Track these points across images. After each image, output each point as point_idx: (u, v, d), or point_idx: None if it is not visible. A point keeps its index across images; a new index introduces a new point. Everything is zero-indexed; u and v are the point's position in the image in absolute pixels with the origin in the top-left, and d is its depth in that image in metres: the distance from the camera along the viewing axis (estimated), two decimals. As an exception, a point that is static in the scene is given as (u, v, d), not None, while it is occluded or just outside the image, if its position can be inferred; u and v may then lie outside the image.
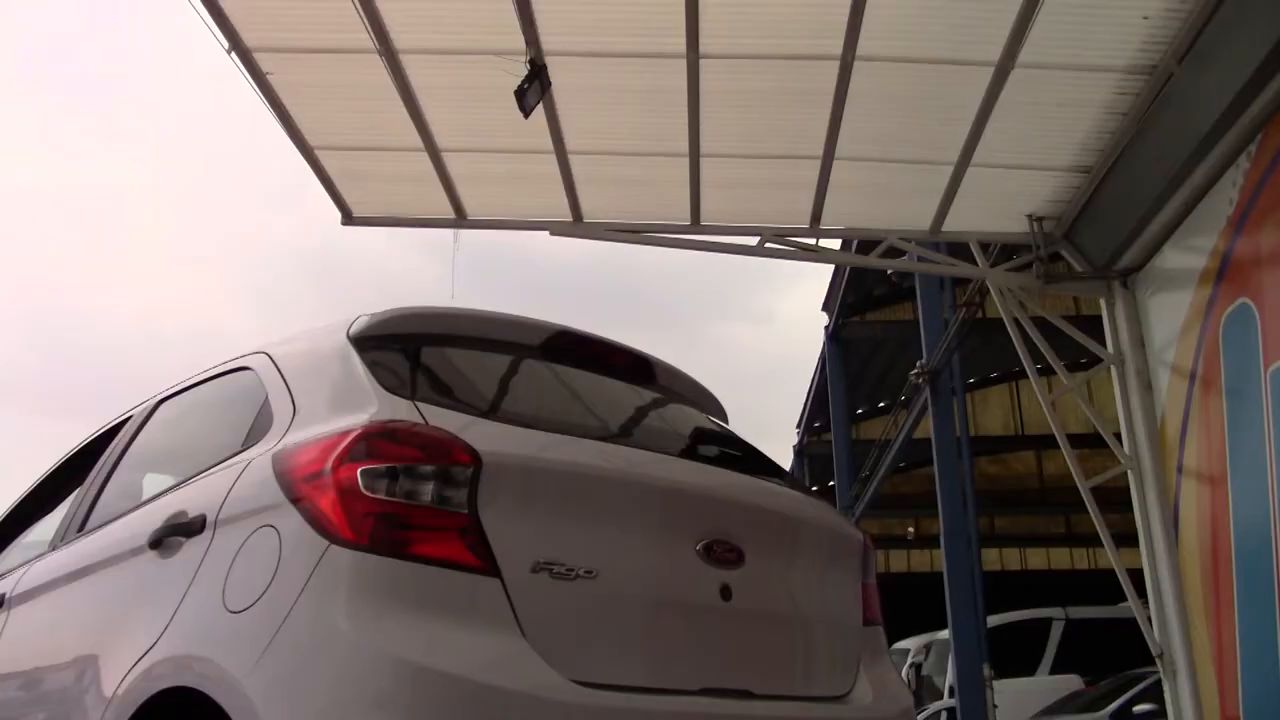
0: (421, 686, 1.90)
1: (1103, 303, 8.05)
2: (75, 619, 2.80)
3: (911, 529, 31.34)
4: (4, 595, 3.24)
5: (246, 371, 2.82)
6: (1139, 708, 9.66)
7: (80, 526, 3.15)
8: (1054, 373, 8.43)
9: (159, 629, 2.32)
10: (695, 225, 7.50)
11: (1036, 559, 33.03)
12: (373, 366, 2.38)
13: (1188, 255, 7.15)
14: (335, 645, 1.94)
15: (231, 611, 2.14)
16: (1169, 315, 7.52)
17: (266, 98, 6.01)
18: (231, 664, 2.06)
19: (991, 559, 28.29)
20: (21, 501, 3.85)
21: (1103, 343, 8.06)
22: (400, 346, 2.54)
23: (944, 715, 16.03)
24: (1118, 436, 7.93)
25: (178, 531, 2.47)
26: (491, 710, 1.93)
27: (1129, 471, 7.80)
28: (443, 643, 1.95)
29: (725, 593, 2.38)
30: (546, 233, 7.62)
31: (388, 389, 2.28)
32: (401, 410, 2.19)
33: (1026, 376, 9.35)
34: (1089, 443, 10.65)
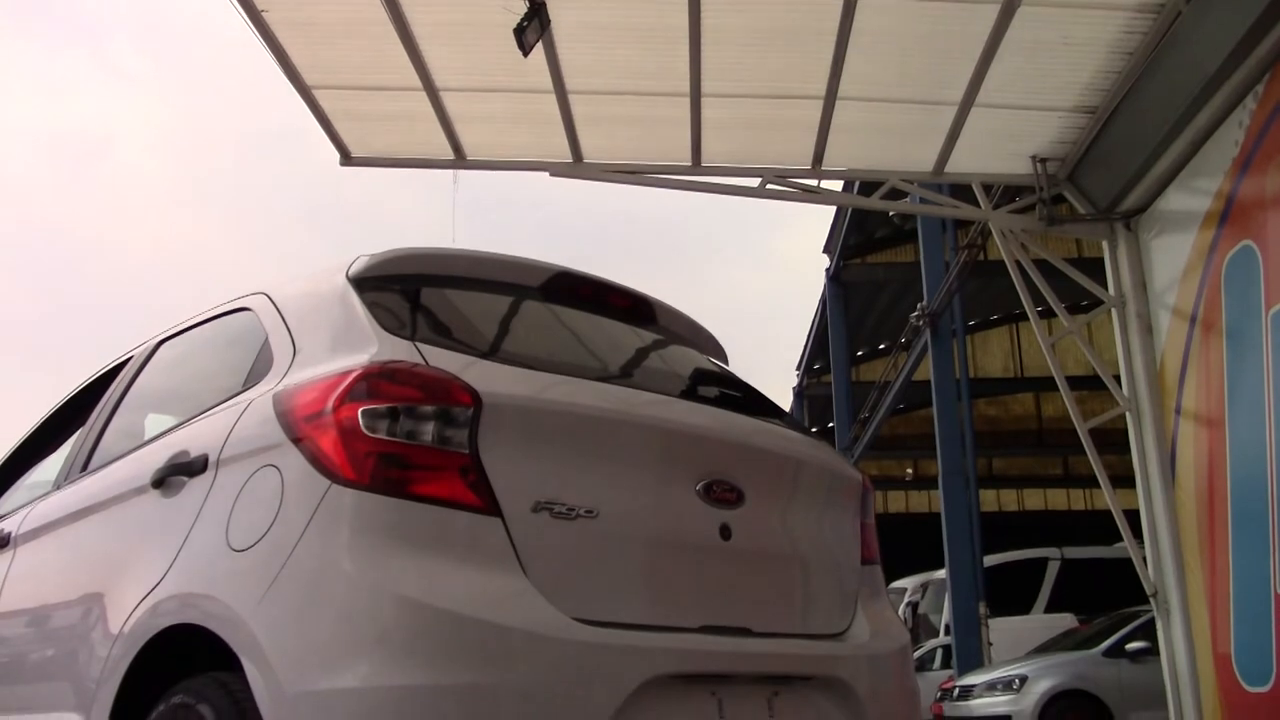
0: (423, 623, 1.92)
1: (1105, 245, 8.02)
2: (80, 557, 2.83)
3: (910, 470, 31.57)
4: (10, 534, 3.27)
5: (246, 312, 2.81)
6: (1132, 645, 9.80)
7: (83, 466, 3.17)
8: (1054, 315, 8.43)
9: (164, 567, 2.34)
10: (696, 167, 7.45)
11: (1033, 500, 33.34)
12: (372, 307, 2.38)
13: (1191, 197, 7.11)
14: (338, 583, 1.96)
15: (235, 550, 2.16)
16: (1171, 257, 7.50)
17: (262, 36, 5.93)
18: (236, 601, 2.08)
19: (989, 500, 28.54)
20: (24, 442, 3.86)
21: (1104, 285, 8.04)
22: (400, 287, 2.54)
23: (940, 653, 16.28)
24: (1117, 379, 7.95)
25: (180, 471, 2.49)
26: (493, 646, 1.95)
27: (1127, 413, 7.83)
28: (444, 580, 1.97)
29: (725, 532, 2.40)
30: (546, 174, 7.56)
31: (387, 330, 2.28)
32: (401, 351, 2.19)
33: (1027, 319, 9.35)
34: (1088, 385, 10.69)
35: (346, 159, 7.40)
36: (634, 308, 3.02)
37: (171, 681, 2.23)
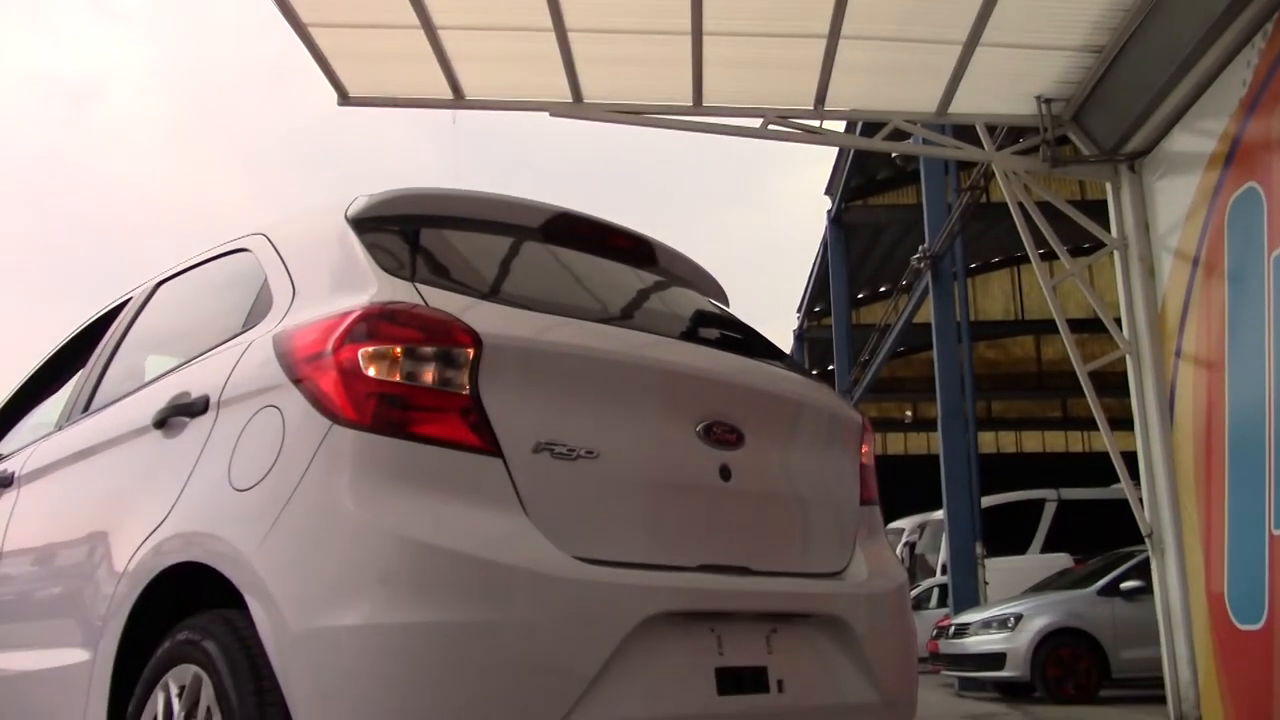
0: (426, 562, 1.94)
1: (1108, 187, 7.97)
2: (84, 497, 2.85)
3: (909, 412, 31.71)
4: (13, 474, 3.29)
5: (245, 253, 2.80)
6: (1126, 585, 9.91)
7: (85, 407, 3.18)
8: (1056, 257, 8.40)
9: (167, 506, 2.36)
10: (697, 107, 7.37)
11: (1032, 442, 33.53)
12: (371, 248, 2.37)
13: (1197, 138, 7.05)
14: (340, 523, 1.98)
15: (237, 490, 2.17)
16: (1175, 199, 7.45)
17: (257, -29, 5.83)
18: (239, 540, 2.10)
19: (987, 442, 28.69)
20: (25, 383, 3.87)
21: (1106, 227, 8.00)
22: (399, 228, 2.53)
23: (936, 592, 16.48)
24: (1118, 321, 7.95)
25: (181, 412, 2.49)
26: (495, 585, 1.98)
27: (1127, 356, 7.84)
28: (446, 520, 1.99)
29: (724, 473, 2.41)
30: (546, 114, 7.49)
31: (387, 270, 2.27)
32: (401, 292, 2.19)
33: (1028, 261, 9.35)
34: (1088, 328, 10.70)
35: (344, 99, 7.32)
36: (634, 249, 3.01)
37: (177, 619, 2.26)
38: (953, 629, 10.98)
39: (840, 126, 8.63)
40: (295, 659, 1.92)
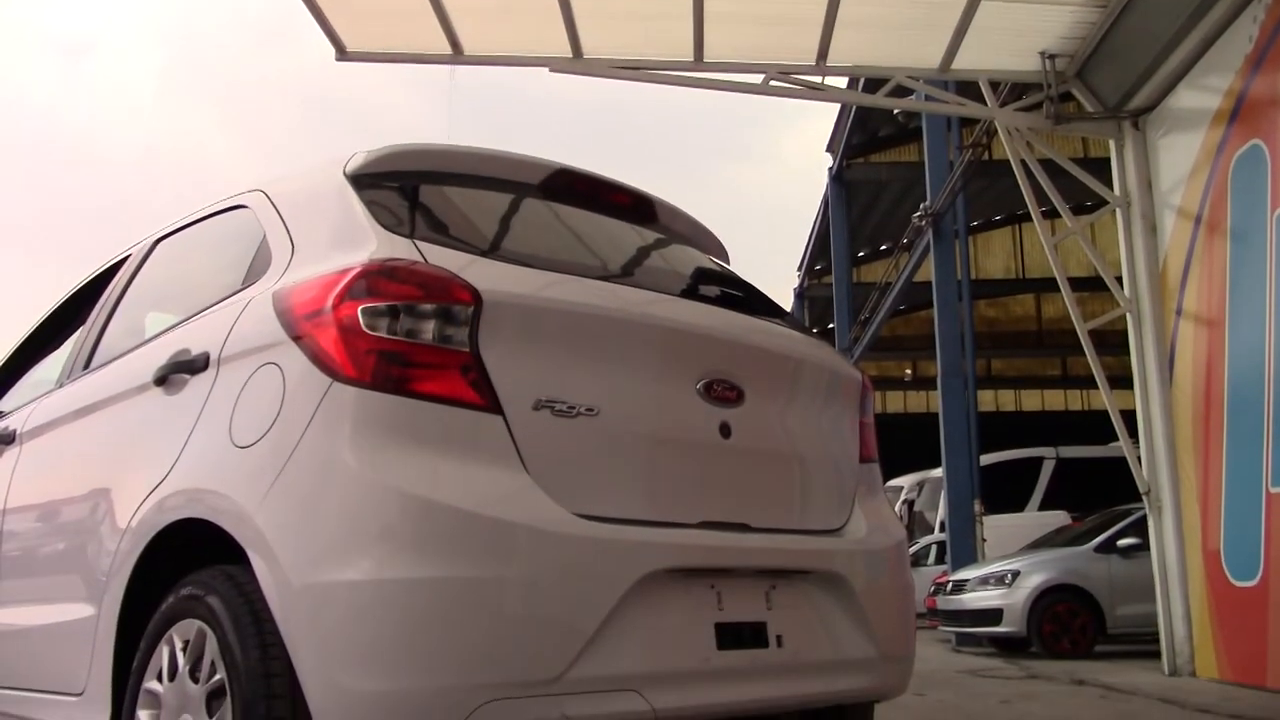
0: (427, 519, 1.95)
1: (1112, 144, 7.92)
2: (86, 454, 2.86)
3: (909, 371, 31.75)
4: (15, 431, 3.30)
5: (243, 210, 2.79)
6: (1123, 542, 9.97)
7: (85, 364, 3.18)
8: (1058, 215, 8.37)
9: (169, 463, 2.37)
10: (698, 63, 7.30)
11: (1031, 400, 33.60)
12: (370, 205, 2.35)
13: (1202, 95, 6.99)
14: (341, 479, 1.98)
15: (238, 446, 2.18)
16: (1178, 157, 7.41)
17: (252, -77, 5.75)
18: (241, 496, 2.11)
19: (987, 400, 28.75)
20: (25, 341, 3.87)
21: (1109, 185, 7.96)
22: (398, 184, 2.51)
23: (934, 549, 16.60)
24: (1119, 280, 7.93)
25: (182, 369, 2.50)
26: (495, 541, 1.99)
27: (1128, 314, 7.84)
28: (447, 477, 1.99)
29: (725, 430, 2.42)
30: (546, 70, 7.42)
31: (386, 227, 2.26)
32: (400, 249, 2.18)
33: (1030, 219, 9.32)
34: (1089, 286, 10.69)
35: (342, 54, 7.26)
36: (635, 206, 3.00)
37: (180, 574, 2.27)
38: (950, 585, 11.07)
39: (842, 83, 8.56)
40: (298, 614, 1.94)
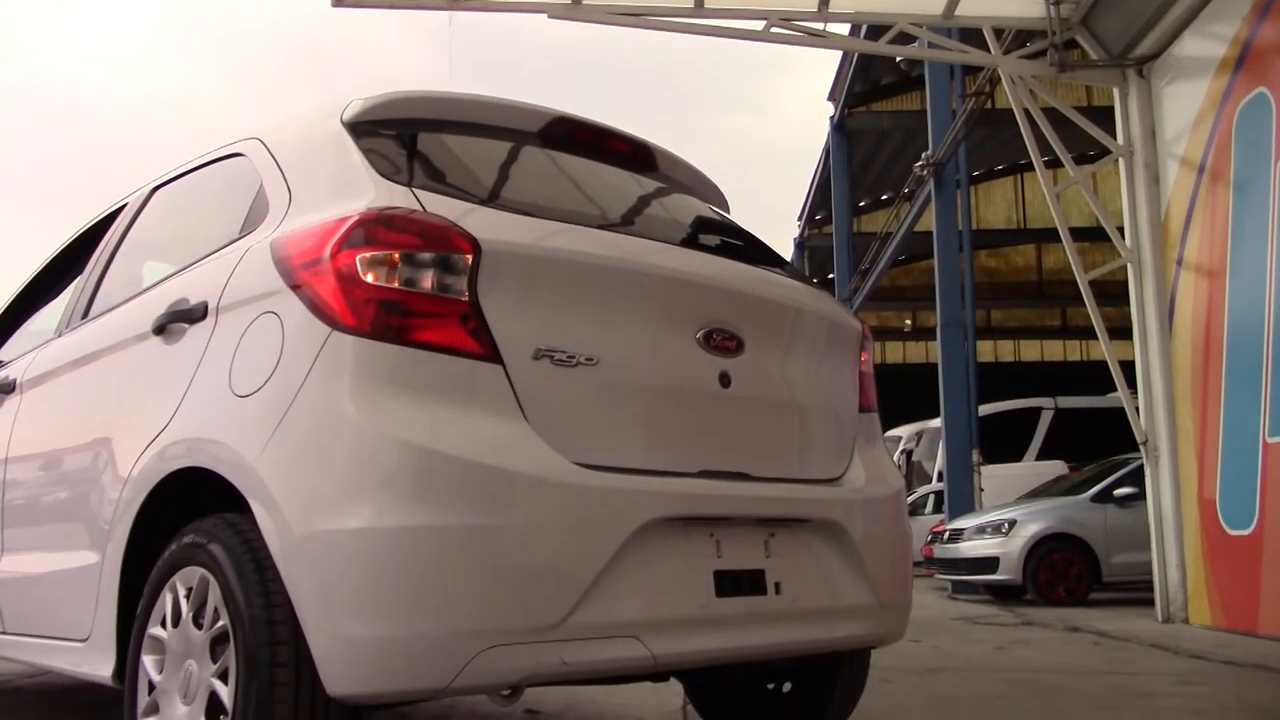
0: (427, 467, 1.95)
1: (1116, 92, 7.85)
2: (87, 403, 2.86)
3: (909, 321, 31.74)
4: (15, 380, 3.31)
5: (240, 158, 2.77)
6: (1119, 491, 10.03)
7: (84, 313, 3.18)
8: (1061, 165, 8.31)
9: (169, 412, 2.37)
10: (698, 9, 7.21)
11: (1030, 351, 33.64)
12: (368, 152, 2.33)
13: (1208, 42, 6.91)
14: (341, 428, 1.99)
15: (238, 396, 2.18)
16: (1183, 105, 7.35)
17: None
18: (241, 445, 2.12)
19: (986, 351, 28.80)
20: (23, 290, 3.86)
21: (1112, 134, 7.90)
22: (396, 132, 2.49)
23: (932, 498, 16.70)
24: (1120, 230, 7.90)
25: (180, 318, 2.49)
26: (495, 490, 1.99)
27: (1129, 265, 7.82)
28: (447, 426, 2.00)
29: (724, 380, 2.42)
30: (544, 16, 7.33)
31: (384, 175, 2.24)
32: (398, 197, 2.16)
33: (1032, 169, 9.26)
34: (1090, 236, 10.66)
35: (338, 0, 7.16)
36: (634, 154, 2.97)
37: (182, 523, 2.29)
38: (948, 534, 11.15)
39: (844, 30, 8.46)
40: (299, 562, 1.95)
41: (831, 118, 22.38)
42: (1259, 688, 4.48)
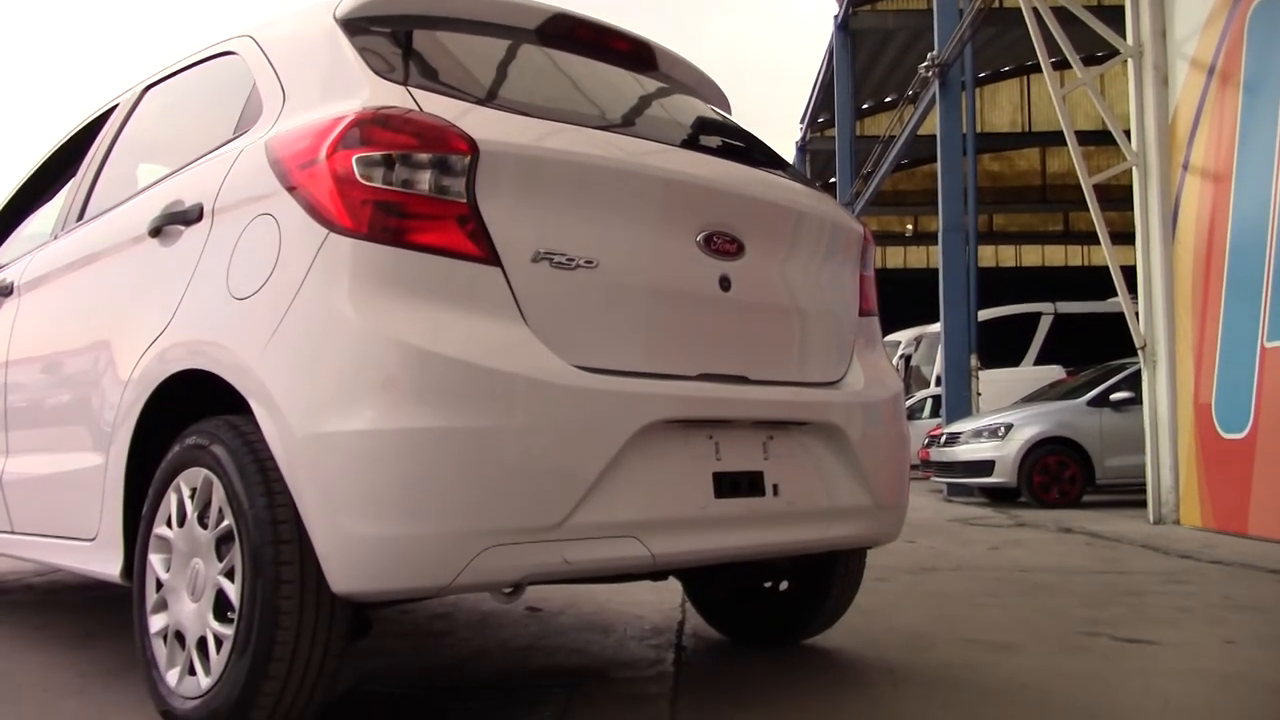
0: (427, 370, 1.96)
1: (1127, -11, 7.67)
2: (85, 306, 2.85)
3: (910, 226, 31.58)
4: (13, 283, 3.30)
5: (232, 56, 2.71)
6: (1116, 395, 10.09)
7: (79, 216, 3.15)
8: (1068, 67, 8.17)
9: (168, 315, 2.37)
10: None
11: (1031, 256, 33.53)
12: (362, 50, 2.28)
13: (1223, -63, 6.73)
14: (340, 331, 1.98)
15: (237, 298, 2.17)
16: (1195, 5, 7.20)
17: None
18: (241, 347, 2.12)
19: (987, 256, 28.70)
20: (16, 193, 3.83)
21: (1122, 35, 7.75)
22: (391, 29, 2.43)
23: (929, 402, 16.81)
24: (1127, 134, 7.81)
25: (176, 220, 2.47)
26: (495, 393, 2.00)
27: (1134, 168, 7.75)
28: (446, 328, 1.99)
29: (724, 283, 2.41)
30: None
31: (379, 73, 2.20)
32: (394, 96, 2.12)
33: (1038, 71, 9.11)
34: (1095, 140, 10.54)
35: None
36: (635, 53, 2.91)
37: (185, 424, 2.30)
38: (944, 438, 11.25)
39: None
40: (302, 463, 1.97)
41: (835, 16, 21.91)
42: (1246, 585, 4.57)
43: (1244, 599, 4.20)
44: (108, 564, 2.52)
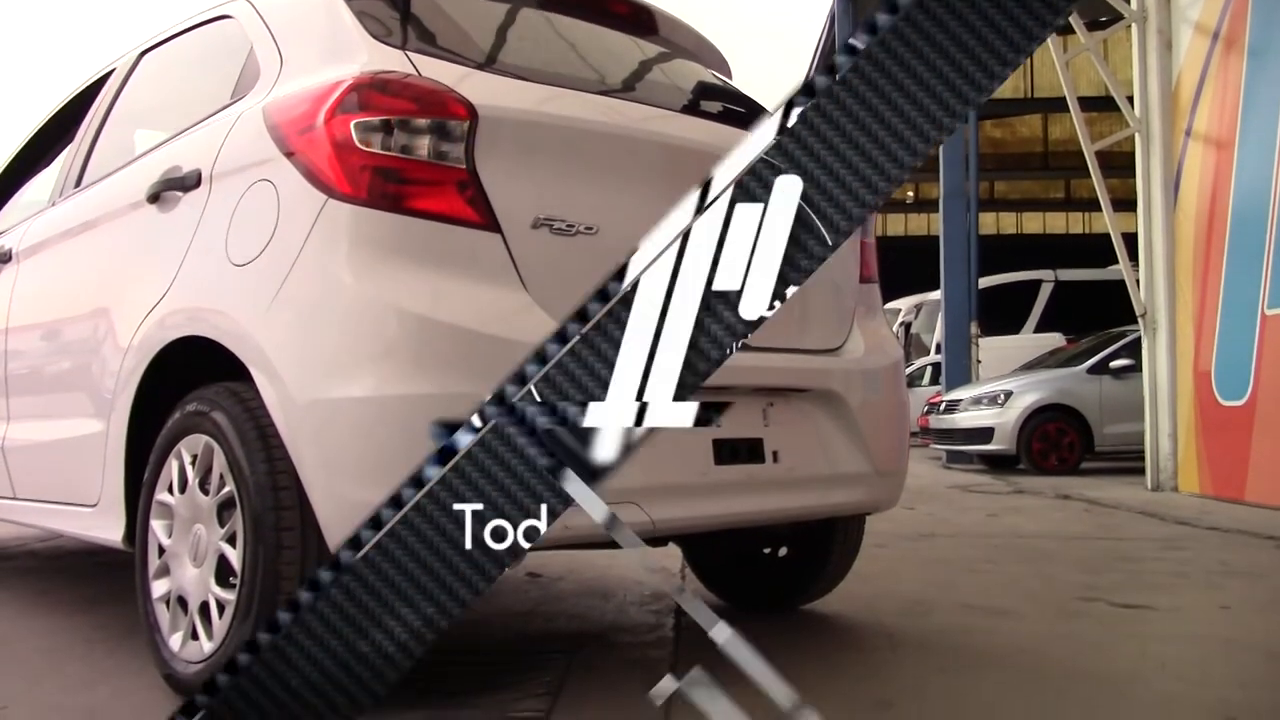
0: (426, 336, 1.96)
1: (1132, -47, 7.60)
2: (84, 272, 2.85)
3: (911, 193, 31.45)
4: (11, 250, 3.29)
5: (228, 20, 2.69)
6: (1115, 363, 10.10)
7: (77, 182, 3.14)
8: (1072, 32, 8.11)
9: (167, 282, 2.37)
10: None
11: (1032, 223, 33.42)
12: (360, 15, 2.27)
13: (1230, -101, 6.66)
14: (340, 296, 1.98)
15: (236, 265, 2.17)
16: (1200, -33, 7.13)
17: None
18: (240, 314, 2.12)
19: (988, 223, 28.57)
20: (13, 160, 3.81)
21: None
22: (388, -8, 2.41)
23: (929, 370, 16.82)
24: (1130, 100, 7.76)
25: (174, 186, 2.46)
26: (495, 360, 1.99)
27: (1136, 135, 7.71)
28: (446, 295, 1.99)
29: (724, 249, 2.40)
30: None
31: (376, 37, 2.18)
32: (392, 61, 2.11)
33: (1042, 34, 9.01)
34: (1098, 106, 10.46)
35: None
36: (634, 17, 2.89)
37: (185, 391, 2.30)
38: (944, 405, 11.26)
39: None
40: (302, 430, 1.97)
41: (838, -20, 21.69)
42: (1242, 552, 4.59)
43: (1241, 565, 4.23)
44: (110, 530, 2.53)
